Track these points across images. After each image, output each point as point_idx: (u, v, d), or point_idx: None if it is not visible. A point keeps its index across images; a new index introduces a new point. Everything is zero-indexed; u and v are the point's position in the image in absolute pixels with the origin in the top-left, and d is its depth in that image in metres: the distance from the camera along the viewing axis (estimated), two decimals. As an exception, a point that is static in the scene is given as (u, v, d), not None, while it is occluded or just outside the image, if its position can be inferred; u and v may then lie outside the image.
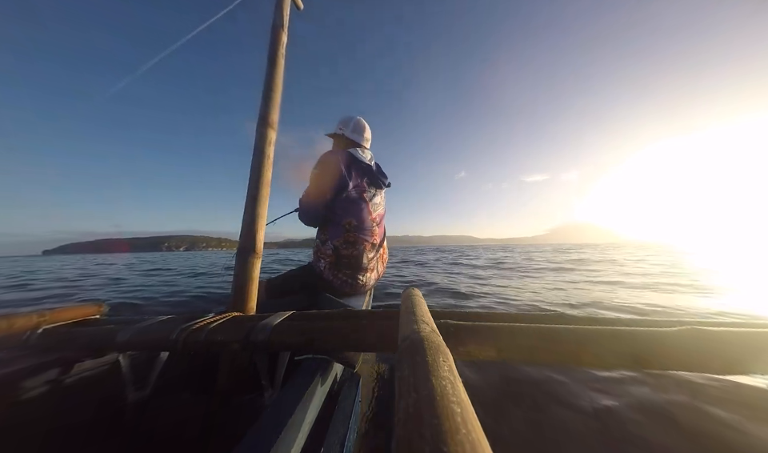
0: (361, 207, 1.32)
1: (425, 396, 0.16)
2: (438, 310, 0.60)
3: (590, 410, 0.97)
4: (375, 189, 1.41)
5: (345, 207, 1.29)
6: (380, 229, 1.45)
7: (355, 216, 1.30)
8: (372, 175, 1.38)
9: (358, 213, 1.31)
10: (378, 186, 1.43)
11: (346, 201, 1.29)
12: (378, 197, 1.44)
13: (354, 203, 1.30)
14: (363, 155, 1.38)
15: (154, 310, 2.72)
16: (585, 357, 0.41)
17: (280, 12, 1.07)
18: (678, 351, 0.38)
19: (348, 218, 1.29)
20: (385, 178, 1.48)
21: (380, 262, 1.46)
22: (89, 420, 0.64)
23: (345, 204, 1.29)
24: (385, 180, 1.48)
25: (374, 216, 1.38)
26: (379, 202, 1.44)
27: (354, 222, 1.29)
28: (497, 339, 0.44)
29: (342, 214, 1.29)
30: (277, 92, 0.98)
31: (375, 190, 1.41)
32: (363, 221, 1.32)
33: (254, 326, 0.56)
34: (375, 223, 1.39)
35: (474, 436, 0.13)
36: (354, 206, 1.30)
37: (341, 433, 0.50)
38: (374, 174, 1.39)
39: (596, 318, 0.54)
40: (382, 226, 1.50)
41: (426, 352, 0.22)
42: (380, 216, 1.45)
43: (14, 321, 0.61)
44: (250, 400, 0.69)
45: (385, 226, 1.55)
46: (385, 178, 1.48)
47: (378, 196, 1.44)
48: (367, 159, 1.38)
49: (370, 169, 1.37)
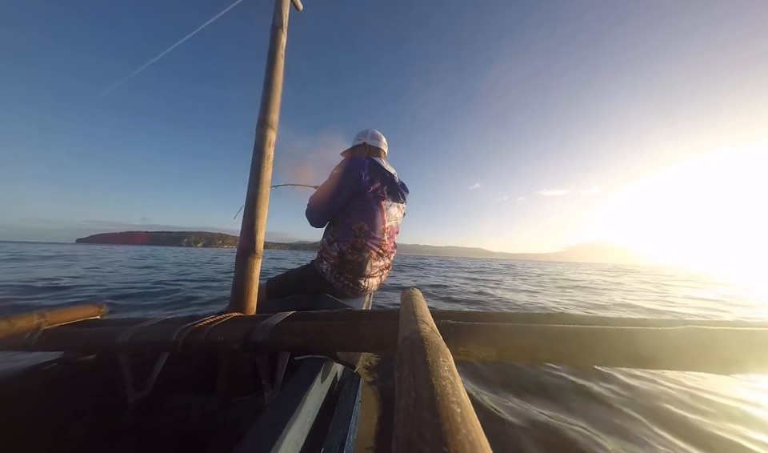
0: (375, 213, 1.30)
1: (425, 396, 0.16)
2: (437, 310, 0.60)
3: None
4: (393, 200, 1.40)
5: (360, 209, 1.27)
6: (389, 241, 1.42)
7: (368, 221, 1.28)
8: (393, 185, 1.37)
9: (372, 218, 1.29)
10: (396, 199, 1.41)
11: (362, 203, 1.27)
12: (395, 209, 1.42)
13: (369, 207, 1.29)
14: (386, 166, 1.37)
15: (154, 312, 2.73)
16: (585, 357, 0.41)
17: (279, 12, 1.07)
18: (678, 351, 0.38)
19: (360, 221, 1.27)
20: (406, 193, 1.47)
21: (384, 270, 1.45)
22: (89, 420, 0.64)
23: (360, 206, 1.27)
24: (405, 195, 1.47)
25: (387, 226, 1.36)
26: (395, 214, 1.42)
27: (365, 226, 1.27)
28: (497, 339, 0.44)
29: (355, 216, 1.27)
30: (276, 92, 0.98)
31: (393, 201, 1.40)
32: (375, 227, 1.30)
33: (255, 327, 0.56)
34: (386, 233, 1.36)
35: (474, 436, 0.13)
36: (369, 210, 1.29)
37: (341, 433, 0.50)
38: (395, 185, 1.38)
39: (596, 318, 0.54)
40: (393, 239, 1.47)
41: (426, 352, 0.22)
42: (392, 229, 1.42)
43: (14, 321, 0.61)
44: (249, 400, 0.69)
45: (396, 242, 1.53)
46: (406, 193, 1.47)
47: (395, 208, 1.42)
48: (391, 171, 1.38)
49: (392, 178, 1.36)
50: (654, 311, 3.40)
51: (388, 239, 1.39)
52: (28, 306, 2.66)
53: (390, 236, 1.40)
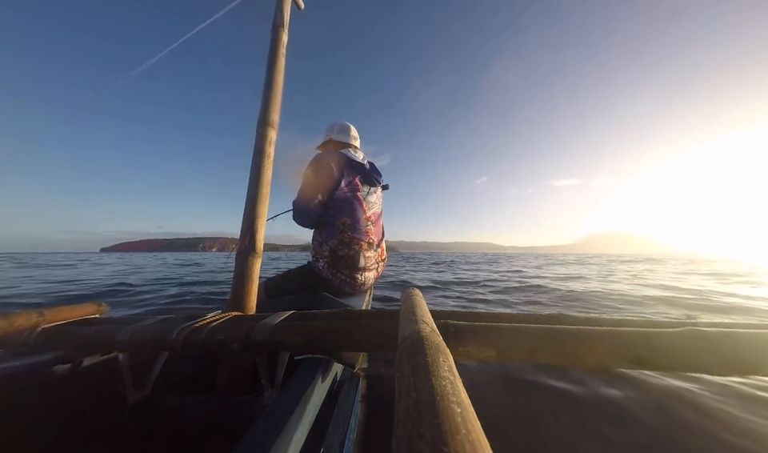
0: (354, 206, 1.31)
1: (425, 396, 0.16)
2: (438, 310, 0.60)
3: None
4: (369, 187, 1.41)
5: (339, 206, 1.29)
6: (376, 227, 1.44)
7: (349, 215, 1.30)
8: (365, 173, 1.38)
9: (352, 212, 1.31)
10: (372, 184, 1.42)
11: (339, 200, 1.29)
12: (374, 195, 1.44)
13: (347, 202, 1.30)
14: (355, 155, 1.38)
15: (153, 311, 2.73)
16: (585, 357, 0.41)
17: (280, 11, 1.07)
18: (679, 351, 0.38)
19: (342, 217, 1.29)
20: (379, 176, 1.47)
21: (379, 261, 1.46)
22: (88, 420, 0.64)
23: (338, 203, 1.29)
24: (379, 178, 1.47)
25: (369, 215, 1.38)
26: (375, 201, 1.44)
27: (348, 221, 1.29)
28: (497, 339, 0.44)
29: (335, 213, 1.29)
30: (277, 92, 0.98)
31: (369, 188, 1.41)
32: (358, 220, 1.31)
33: (254, 326, 0.56)
34: (371, 222, 1.38)
35: (473, 436, 0.13)
36: (348, 205, 1.30)
37: (341, 433, 0.50)
38: (368, 172, 1.38)
39: (596, 318, 0.54)
40: (379, 224, 1.49)
41: (426, 352, 0.22)
42: (376, 214, 1.44)
43: (13, 320, 0.61)
44: (249, 400, 0.69)
45: (383, 225, 1.54)
46: (379, 176, 1.47)
47: (374, 195, 1.44)
48: (359, 158, 1.38)
49: (362, 166, 1.37)
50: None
51: (374, 227, 1.41)
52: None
53: (375, 223, 1.42)
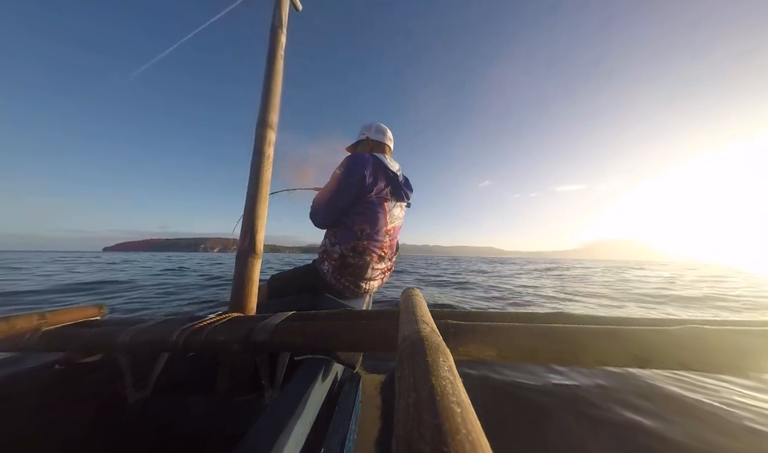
0: (378, 216, 1.27)
1: (425, 396, 0.16)
2: (438, 310, 0.60)
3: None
4: (396, 201, 1.37)
5: (362, 212, 1.25)
6: (392, 242, 1.40)
7: (370, 223, 1.25)
8: (396, 186, 1.33)
9: (374, 220, 1.26)
10: (399, 199, 1.37)
11: (364, 205, 1.25)
12: (398, 209, 1.40)
13: (372, 209, 1.25)
14: (391, 164, 1.33)
15: (154, 313, 2.74)
16: (585, 357, 0.41)
17: (279, 13, 1.07)
18: (678, 351, 0.38)
19: (362, 224, 1.24)
20: (410, 192, 1.44)
21: (386, 271, 1.43)
22: (89, 421, 0.64)
23: (363, 208, 1.25)
24: (409, 195, 1.43)
25: (389, 228, 1.33)
26: (398, 215, 1.40)
27: (367, 229, 1.25)
28: (497, 339, 0.44)
29: (356, 218, 1.25)
30: (276, 93, 0.98)
31: (396, 201, 1.37)
32: (378, 230, 1.27)
33: (255, 327, 0.56)
34: (389, 235, 1.34)
35: (473, 436, 0.13)
36: (372, 213, 1.25)
37: (341, 433, 0.50)
38: (399, 185, 1.34)
39: (596, 317, 0.54)
40: (396, 240, 1.45)
41: (426, 352, 0.22)
42: (395, 229, 1.40)
43: (14, 322, 0.61)
44: (249, 400, 0.69)
45: (398, 241, 1.50)
46: (410, 192, 1.44)
47: (398, 208, 1.40)
48: (395, 169, 1.34)
49: (396, 178, 1.32)
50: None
51: (390, 241, 1.37)
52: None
53: (392, 237, 1.38)
